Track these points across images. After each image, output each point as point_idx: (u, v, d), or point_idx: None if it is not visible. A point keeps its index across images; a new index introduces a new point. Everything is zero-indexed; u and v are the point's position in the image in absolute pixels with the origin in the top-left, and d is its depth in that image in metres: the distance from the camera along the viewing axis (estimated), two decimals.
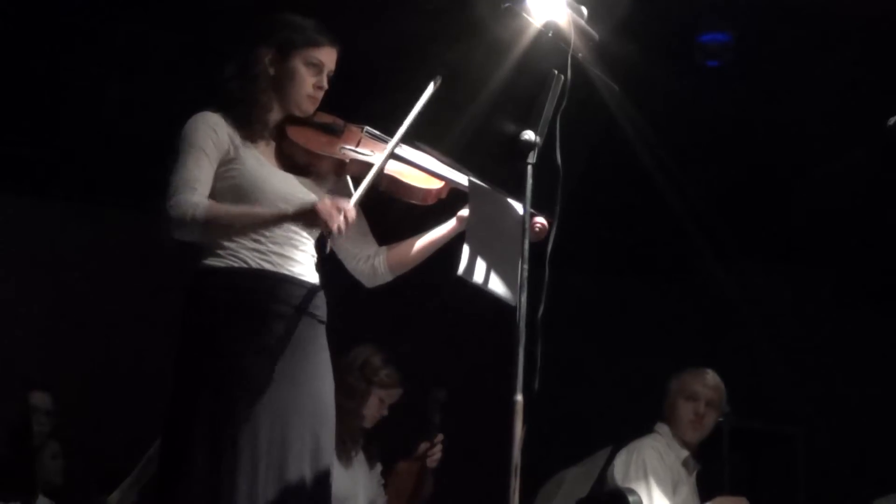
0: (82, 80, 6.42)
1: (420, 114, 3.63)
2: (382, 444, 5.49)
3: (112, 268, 7.35)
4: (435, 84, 3.65)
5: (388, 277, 3.93)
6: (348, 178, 3.77)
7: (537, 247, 3.42)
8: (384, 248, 3.92)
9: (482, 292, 3.56)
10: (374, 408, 5.30)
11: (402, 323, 7.15)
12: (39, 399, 6.32)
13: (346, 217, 3.36)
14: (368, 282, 3.95)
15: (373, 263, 3.90)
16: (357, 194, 3.53)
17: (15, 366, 6.89)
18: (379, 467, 5.48)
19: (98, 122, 6.75)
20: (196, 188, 3.50)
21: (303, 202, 3.51)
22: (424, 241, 3.87)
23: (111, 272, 7.34)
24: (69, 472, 6.47)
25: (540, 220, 3.66)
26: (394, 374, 5.34)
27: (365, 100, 3.88)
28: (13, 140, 7.19)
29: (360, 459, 5.31)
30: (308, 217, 3.42)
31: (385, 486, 5.48)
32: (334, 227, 3.34)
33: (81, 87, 6.46)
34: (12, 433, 6.11)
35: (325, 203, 3.36)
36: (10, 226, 7.40)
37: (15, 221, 7.42)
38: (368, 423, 5.31)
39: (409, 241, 3.89)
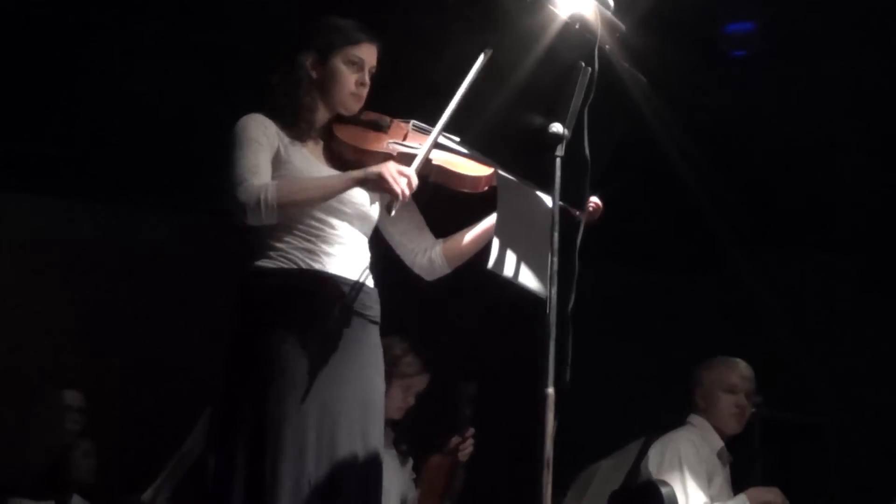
0: (114, 79, 6.44)
1: (469, 90, 3.61)
2: (413, 439, 5.49)
3: (144, 267, 7.37)
4: (486, 56, 3.60)
5: (447, 269, 3.97)
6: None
7: (567, 239, 3.41)
8: (440, 240, 3.97)
9: (512, 285, 3.56)
10: (397, 398, 5.28)
11: (433, 316, 7.15)
12: (71, 397, 6.34)
13: (409, 182, 3.42)
14: (427, 275, 4.00)
15: (430, 256, 3.94)
16: (416, 164, 3.53)
17: (47, 364, 6.92)
18: (411, 463, 5.48)
19: (130, 123, 6.77)
20: (259, 172, 3.55)
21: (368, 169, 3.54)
22: (478, 230, 3.90)
23: (143, 271, 7.37)
24: (102, 470, 6.49)
25: (594, 200, 3.67)
26: (415, 361, 5.33)
27: (390, 94, 3.88)
28: (46, 140, 7.23)
29: (391, 454, 5.30)
30: (374, 180, 3.45)
31: (416, 480, 5.49)
32: (399, 192, 3.39)
33: (114, 86, 6.48)
34: (44, 432, 6.15)
35: (391, 167, 3.42)
36: (42, 226, 7.44)
37: (47, 222, 7.46)
38: (396, 415, 5.30)
39: (463, 232, 3.94)
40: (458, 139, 3.75)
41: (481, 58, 3.62)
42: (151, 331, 7.19)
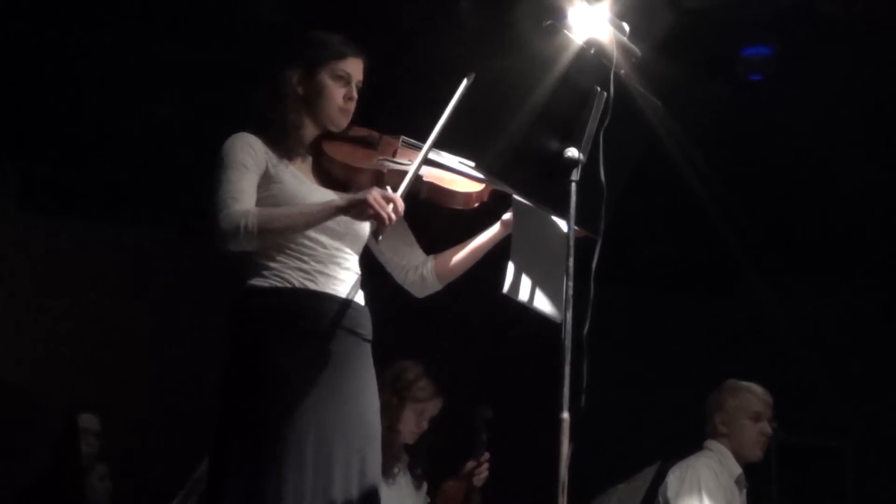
0: (124, 101, 6.47)
1: (454, 113, 3.62)
2: (429, 463, 5.48)
3: (160, 290, 7.39)
4: (468, 80, 3.63)
5: (438, 286, 3.96)
6: (388, 188, 3.76)
7: (582, 264, 3.41)
8: (431, 256, 3.95)
9: (528, 310, 3.56)
10: (410, 423, 5.27)
11: (448, 341, 7.15)
12: (88, 421, 6.35)
13: (395, 207, 3.40)
14: (418, 292, 3.98)
15: (421, 273, 3.93)
16: (403, 187, 3.52)
17: (63, 388, 6.93)
18: (425, 487, 5.46)
19: (144, 146, 6.81)
20: (242, 198, 3.52)
21: (352, 195, 3.52)
22: (470, 247, 3.90)
23: (159, 294, 7.38)
24: (117, 494, 6.50)
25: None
26: (428, 386, 5.32)
27: (408, 119, 3.88)
28: (62, 164, 7.27)
29: (406, 478, 5.30)
30: (359, 208, 3.43)
31: None
32: (385, 217, 3.37)
33: (124, 108, 6.52)
34: (61, 455, 6.16)
35: (375, 193, 3.39)
36: (60, 249, 7.46)
37: (64, 244, 7.48)
38: (409, 439, 5.29)
39: (455, 249, 3.92)
40: (447, 154, 3.75)
41: (464, 83, 3.64)
42: (168, 354, 7.20)
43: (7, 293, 7.27)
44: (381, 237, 3.49)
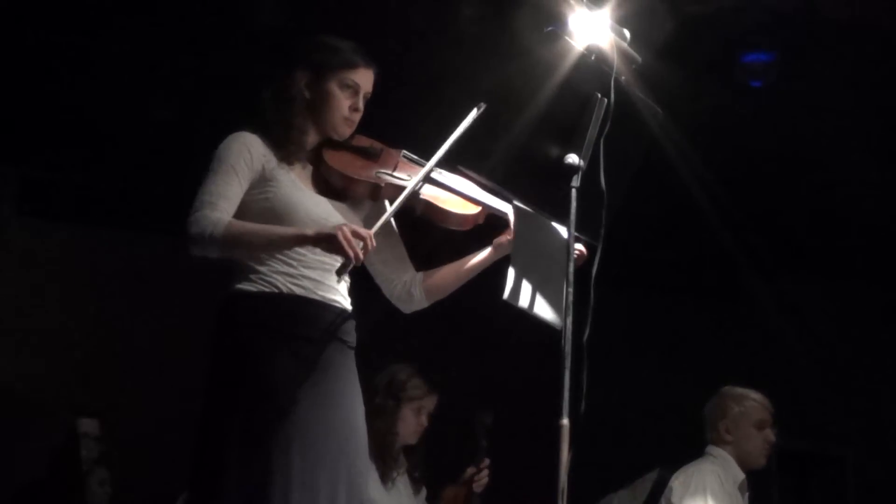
0: (123, 105, 6.48)
1: (458, 140, 3.62)
2: (429, 469, 5.48)
3: (160, 294, 7.38)
4: (478, 110, 3.63)
5: (425, 303, 3.92)
6: (385, 202, 3.73)
7: (582, 269, 3.41)
8: (421, 273, 3.91)
9: (528, 316, 3.55)
10: (410, 422, 5.29)
11: (448, 347, 7.15)
12: (88, 426, 6.35)
13: (365, 245, 3.35)
14: (405, 307, 3.94)
15: (409, 289, 3.88)
16: (381, 221, 3.52)
17: (63, 392, 6.93)
18: (424, 492, 5.47)
19: (145, 150, 6.80)
20: (218, 204, 3.50)
21: (324, 225, 3.49)
22: (460, 268, 3.85)
23: (159, 298, 7.37)
24: (117, 498, 6.49)
25: (578, 247, 3.62)
26: (421, 384, 5.33)
27: (409, 124, 3.88)
28: (62, 167, 7.27)
29: (404, 482, 5.30)
30: (327, 241, 3.38)
31: None
32: (352, 255, 3.32)
33: (123, 113, 6.52)
34: (61, 460, 6.15)
35: (345, 230, 3.34)
36: (57, 252, 7.45)
37: (62, 248, 7.47)
38: (411, 439, 5.30)
39: (445, 268, 3.88)
40: (447, 173, 3.73)
41: (474, 112, 3.63)
42: (167, 358, 7.19)
43: (6, 296, 7.27)
44: (344, 274, 3.44)
